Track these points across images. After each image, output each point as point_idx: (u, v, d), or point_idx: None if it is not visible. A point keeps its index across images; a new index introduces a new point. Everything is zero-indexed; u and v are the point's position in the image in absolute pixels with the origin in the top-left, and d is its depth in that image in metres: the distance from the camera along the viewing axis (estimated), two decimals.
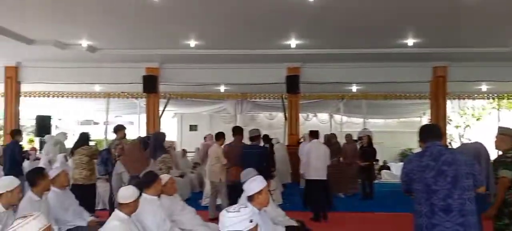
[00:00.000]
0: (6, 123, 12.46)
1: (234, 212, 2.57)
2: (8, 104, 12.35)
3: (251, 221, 2.54)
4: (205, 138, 12.13)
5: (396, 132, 19.17)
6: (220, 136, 8.15)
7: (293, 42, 9.83)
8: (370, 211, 8.94)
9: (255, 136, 7.59)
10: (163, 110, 14.33)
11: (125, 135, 7.86)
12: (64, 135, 11.26)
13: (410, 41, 9.69)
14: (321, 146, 8.27)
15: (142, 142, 7.17)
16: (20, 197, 4.10)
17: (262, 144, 8.74)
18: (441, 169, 3.50)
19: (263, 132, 9.02)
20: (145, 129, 12.60)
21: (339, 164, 10.37)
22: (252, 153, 7.17)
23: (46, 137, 11.52)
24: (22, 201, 4.21)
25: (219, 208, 7.87)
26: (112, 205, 6.87)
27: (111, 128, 8.73)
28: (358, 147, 10.96)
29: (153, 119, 12.55)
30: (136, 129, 16.81)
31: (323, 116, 19.05)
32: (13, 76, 12.22)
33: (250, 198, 3.69)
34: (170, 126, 19.35)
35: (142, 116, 14.99)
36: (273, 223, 4.40)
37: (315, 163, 7.92)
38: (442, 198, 3.46)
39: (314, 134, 8.68)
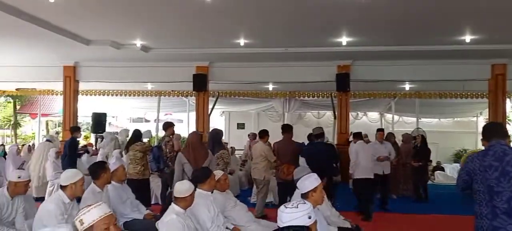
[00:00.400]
0: (64, 119, 13.00)
1: (292, 208, 2.54)
2: (66, 102, 12.88)
3: (309, 217, 2.52)
4: (249, 135, 12.19)
5: (450, 131, 18.50)
6: (263, 134, 8.11)
7: (344, 40, 9.62)
8: (423, 213, 8.65)
9: (320, 133, 7.64)
10: (212, 108, 14.52)
11: (173, 131, 8.08)
12: (125, 132, 11.64)
13: (467, 38, 9.25)
14: (366, 146, 8.37)
15: None
16: (83, 190, 4.32)
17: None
18: (505, 169, 3.38)
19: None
20: (195, 126, 12.81)
21: (397, 164, 10.10)
22: (319, 151, 7.23)
23: (105, 133, 11.99)
24: (85, 192, 4.44)
25: (268, 206, 7.90)
26: (165, 199, 7.06)
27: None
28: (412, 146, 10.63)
29: (203, 116, 12.70)
30: (186, 127, 17.20)
31: (374, 115, 18.70)
32: (71, 76, 12.73)
33: (305, 196, 3.66)
34: (218, 124, 19.62)
35: (191, 113, 15.29)
36: (326, 223, 4.34)
37: (363, 163, 8.01)
38: (506, 200, 3.34)
39: (358, 135, 8.91)
